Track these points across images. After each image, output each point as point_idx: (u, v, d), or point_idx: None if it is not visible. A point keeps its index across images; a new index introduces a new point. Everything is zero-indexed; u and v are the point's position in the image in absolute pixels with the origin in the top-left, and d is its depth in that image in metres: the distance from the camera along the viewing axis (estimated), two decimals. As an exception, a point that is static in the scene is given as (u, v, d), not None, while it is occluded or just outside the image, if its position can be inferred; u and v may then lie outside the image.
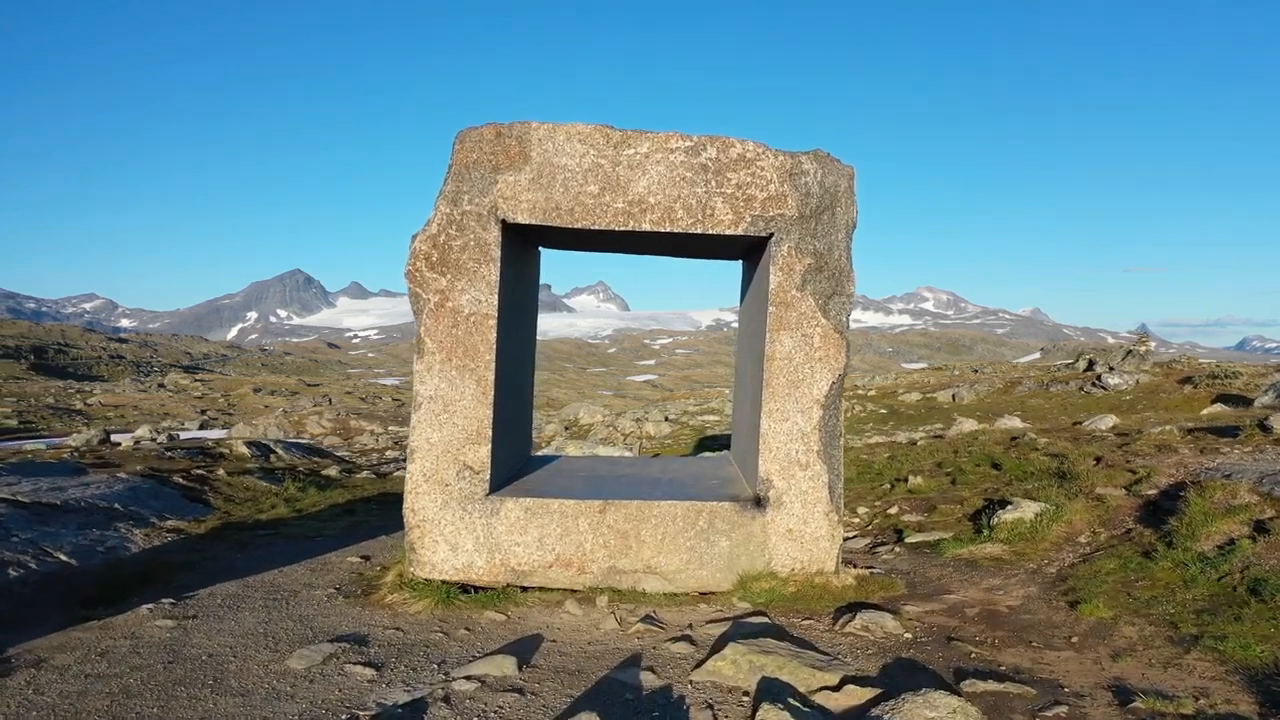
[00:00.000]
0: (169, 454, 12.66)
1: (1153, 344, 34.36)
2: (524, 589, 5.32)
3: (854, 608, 4.99)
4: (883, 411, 22.65)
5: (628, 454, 18.00)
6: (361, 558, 6.65)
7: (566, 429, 34.21)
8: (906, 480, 9.28)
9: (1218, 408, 16.43)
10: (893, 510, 8.27)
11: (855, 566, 6.03)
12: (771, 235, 5.44)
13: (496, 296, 5.19)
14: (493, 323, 5.19)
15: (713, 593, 5.41)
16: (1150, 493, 6.92)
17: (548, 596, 5.30)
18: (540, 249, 6.96)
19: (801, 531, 5.47)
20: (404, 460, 8.19)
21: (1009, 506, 7.02)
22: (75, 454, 12.33)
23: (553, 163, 5.29)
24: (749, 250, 6.43)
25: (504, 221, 5.25)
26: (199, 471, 10.68)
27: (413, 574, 5.25)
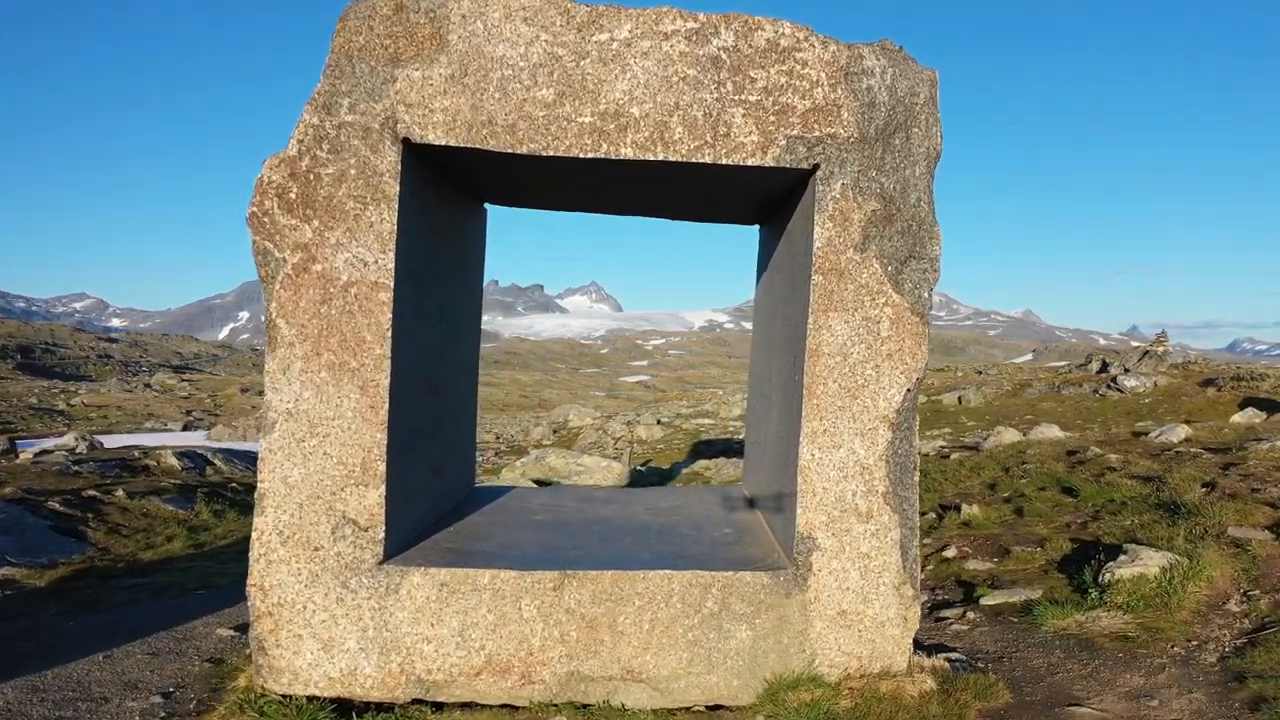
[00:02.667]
0: (75, 468, 10.78)
1: (1171, 344, 32.70)
2: (438, 707, 3.46)
3: (952, 746, 3.15)
4: (895, 416, 20.89)
5: (613, 466, 16.16)
6: (237, 629, 4.78)
7: (555, 432, 32.40)
8: (958, 509, 7.43)
9: (1250, 412, 14.83)
10: (949, 552, 6.42)
11: (927, 653, 4.19)
12: (817, 168, 3.59)
13: (393, 256, 3.33)
14: (387, 297, 3.33)
15: (727, 708, 3.57)
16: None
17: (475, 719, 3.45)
18: (486, 206, 5.10)
19: (860, 614, 3.63)
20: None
21: (1121, 556, 5.18)
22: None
23: (483, 53, 3.44)
24: (771, 205, 4.60)
25: (407, 141, 3.40)
26: (91, 493, 8.77)
27: (263, 686, 3.38)
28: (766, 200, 4.42)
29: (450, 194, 4.20)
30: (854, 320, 3.61)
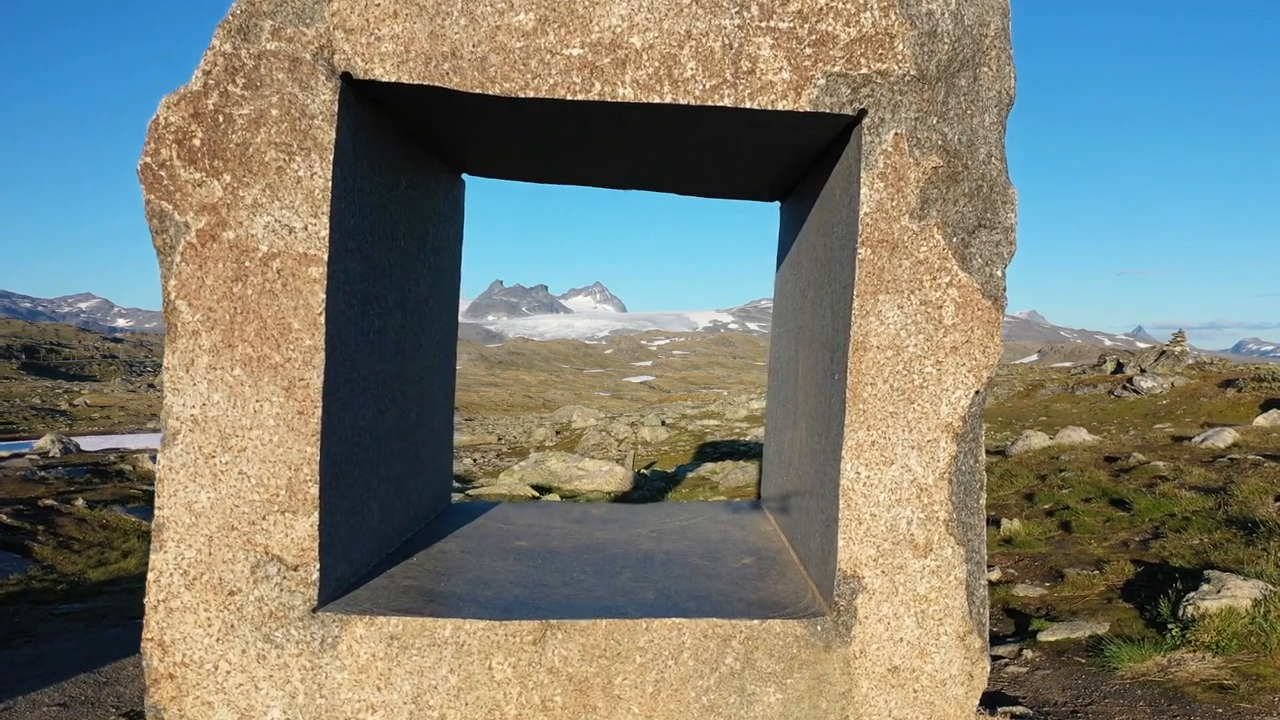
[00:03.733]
0: (40, 474, 10.10)
1: (1189, 345, 31.88)
2: (386, 792, 2.74)
3: None
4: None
5: (615, 470, 15.45)
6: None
7: (558, 433, 31.71)
8: (997, 524, 6.69)
9: (1274, 414, 14.14)
10: (993, 574, 5.68)
11: (988, 708, 3.46)
12: (864, 114, 2.87)
13: (327, 221, 2.62)
14: (319, 273, 2.62)
15: (751, 789, 2.85)
16: None
17: (432, 807, 2.73)
18: (465, 179, 4.39)
19: (915, 671, 2.91)
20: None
21: (1203, 586, 4.45)
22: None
23: (445, -34, 2.72)
24: (797, 173, 3.89)
25: (347, 77, 2.68)
26: (49, 503, 8.08)
27: (165, 767, 2.67)
28: (793, 165, 3.70)
29: (412, 153, 3.48)
30: (910, 305, 2.89)
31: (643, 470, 17.62)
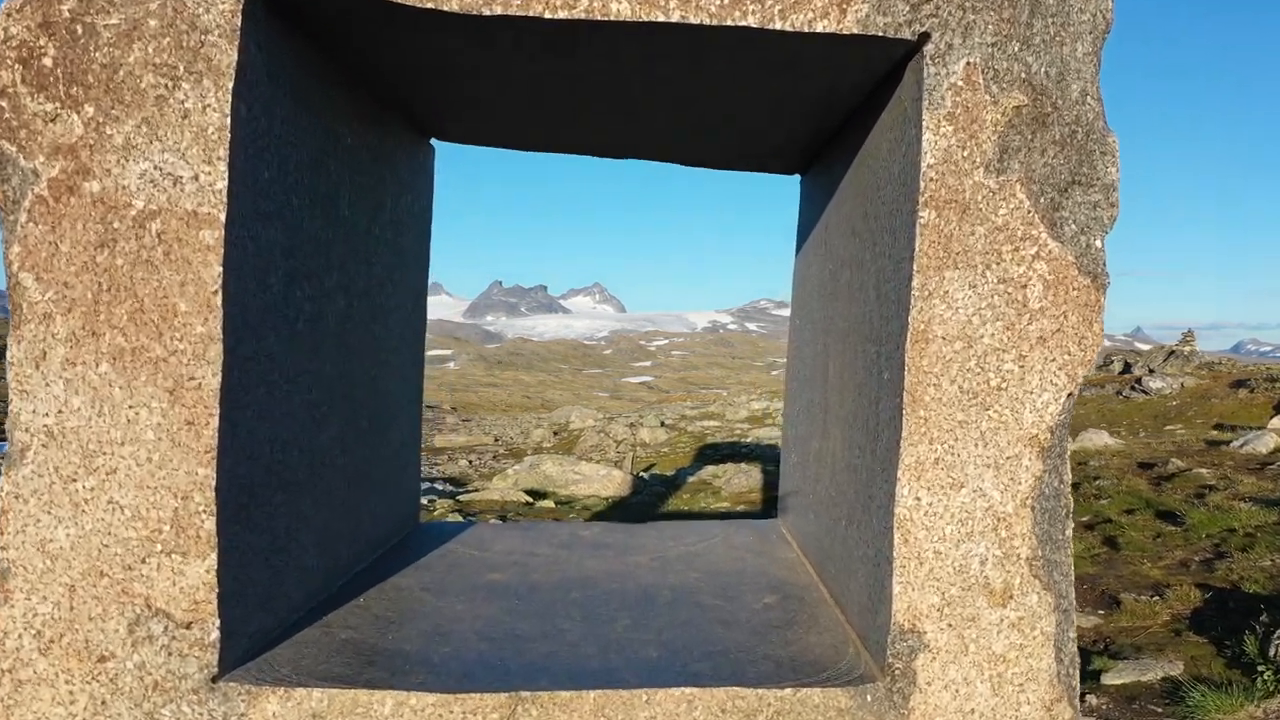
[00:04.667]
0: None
1: (1198, 345, 31.28)
2: None
3: None
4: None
5: (613, 475, 14.82)
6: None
7: (555, 434, 31.05)
8: (1034, 539, 6.06)
9: None
10: (1036, 599, 5.05)
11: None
12: (926, 39, 2.24)
13: (226, 169, 1.98)
14: (214, 238, 1.98)
15: None
16: None
17: None
18: (433, 144, 3.76)
19: (991, 751, 2.28)
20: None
21: (1296, 619, 3.82)
22: None
23: None
24: (826, 134, 3.27)
25: (256, -18, 2.05)
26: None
27: None
28: (824, 120, 3.07)
29: (362, 104, 2.84)
30: (985, 284, 2.26)
31: (641, 474, 17.00)
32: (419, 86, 2.86)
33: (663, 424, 28.84)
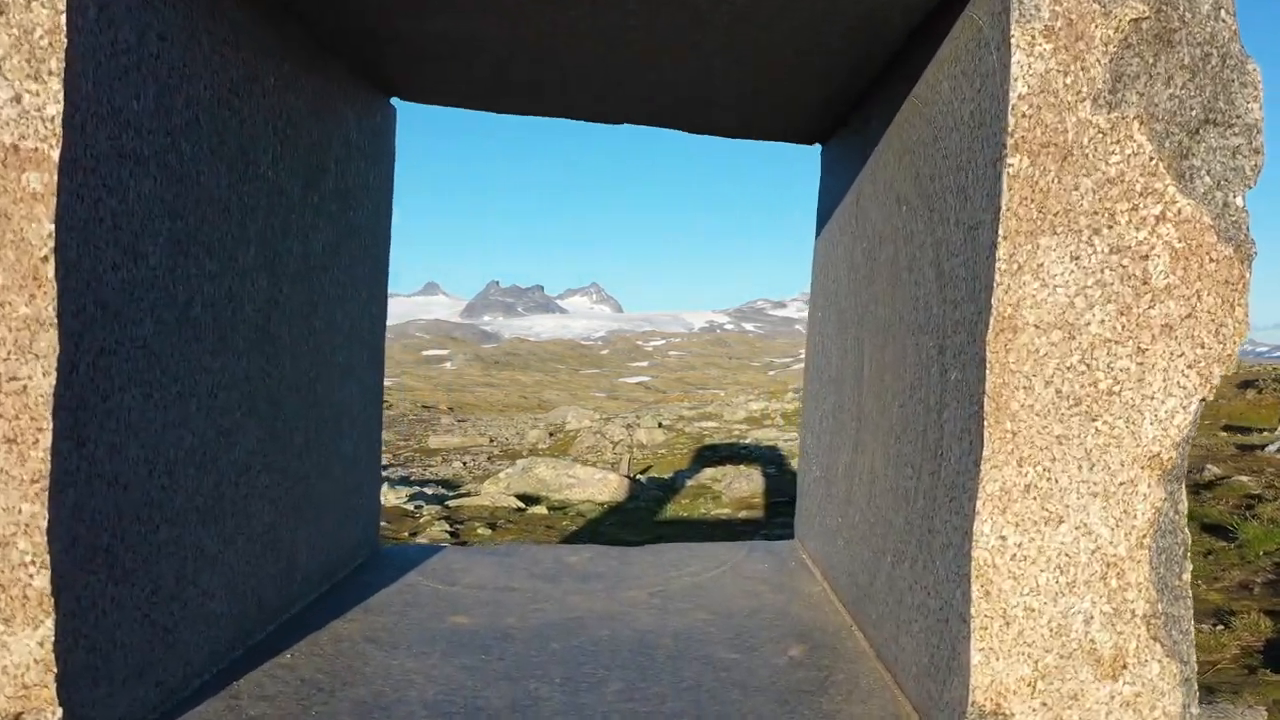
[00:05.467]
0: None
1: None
2: None
3: None
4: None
5: (609, 478, 14.27)
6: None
7: (552, 435, 30.49)
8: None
9: None
10: (1081, 626, 4.51)
11: None
12: (1012, -70, 1.69)
13: (60, 87, 1.42)
14: (43, 183, 1.43)
15: None
16: None
17: None
18: (394, 103, 3.20)
19: None
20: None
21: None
22: None
23: None
24: (857, 93, 2.73)
25: None
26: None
27: None
28: (855, 73, 2.52)
29: (293, 41, 2.29)
30: (1093, 253, 1.71)
31: (638, 476, 16.45)
32: (363, 19, 2.31)
33: (660, 425, 28.29)
